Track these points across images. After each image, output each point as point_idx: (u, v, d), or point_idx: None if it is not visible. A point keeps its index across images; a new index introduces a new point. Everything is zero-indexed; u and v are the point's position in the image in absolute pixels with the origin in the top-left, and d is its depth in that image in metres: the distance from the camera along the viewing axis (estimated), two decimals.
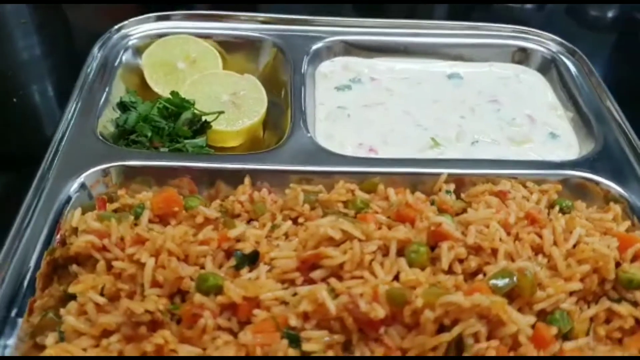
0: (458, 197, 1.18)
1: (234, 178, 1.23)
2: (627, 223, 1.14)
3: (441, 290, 0.89)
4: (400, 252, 0.99)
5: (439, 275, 0.97)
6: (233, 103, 1.43)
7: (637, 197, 1.21)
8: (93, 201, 1.13)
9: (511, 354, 0.87)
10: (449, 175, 1.22)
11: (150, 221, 1.05)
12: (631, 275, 0.98)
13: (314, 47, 1.56)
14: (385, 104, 1.51)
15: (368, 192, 1.18)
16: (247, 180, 1.20)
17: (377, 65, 1.61)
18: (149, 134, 1.31)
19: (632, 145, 1.31)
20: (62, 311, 0.92)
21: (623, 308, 0.96)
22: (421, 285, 0.92)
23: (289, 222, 1.08)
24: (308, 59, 1.52)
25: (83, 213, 1.09)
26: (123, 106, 1.38)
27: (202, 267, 0.97)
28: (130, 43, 1.55)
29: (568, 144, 1.42)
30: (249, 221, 1.12)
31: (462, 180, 1.24)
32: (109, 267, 0.97)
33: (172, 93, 1.35)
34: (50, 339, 0.88)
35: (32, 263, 1.01)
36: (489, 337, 0.88)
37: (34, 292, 0.98)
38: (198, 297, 0.89)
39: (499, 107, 1.50)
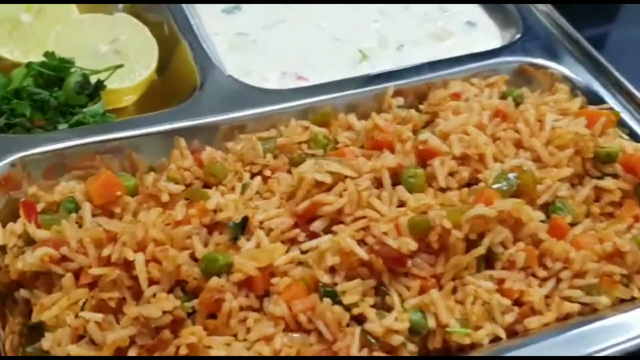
0: (415, 110, 1.35)
1: (159, 143, 1.27)
2: (579, 100, 1.39)
3: (460, 207, 1.06)
4: (393, 181, 1.14)
5: (440, 195, 1.13)
6: (117, 52, 1.43)
7: (576, 74, 1.47)
8: None
9: (536, 252, 1.08)
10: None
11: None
12: (608, 149, 1.22)
13: None
14: (288, 20, 1.61)
15: (323, 125, 1.30)
16: (181, 142, 1.25)
17: None
18: (28, 112, 1.29)
19: (556, 24, 1.56)
20: (45, 345, 0.95)
21: (609, 182, 1.21)
22: (432, 208, 1.08)
23: (259, 179, 1.17)
24: None
25: (3, 226, 1.09)
26: None
27: (188, 249, 1.04)
28: None
29: (489, 32, 1.64)
30: (207, 187, 1.19)
31: (406, 91, 1.41)
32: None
33: (47, 54, 1.32)
34: None
35: None
36: (513, 242, 1.07)
37: None
38: (215, 281, 0.97)
39: (405, 4, 1.66)
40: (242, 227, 1.06)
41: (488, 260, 1.06)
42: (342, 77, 1.42)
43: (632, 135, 1.31)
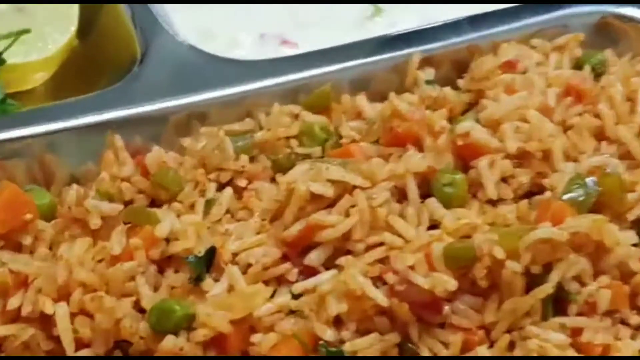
0: (452, 87, 1.40)
1: (84, 142, 1.32)
2: None
3: (518, 227, 1.11)
4: (423, 191, 1.19)
5: (488, 210, 1.19)
6: (19, 10, 1.48)
7: None
8: None
9: (626, 289, 1.13)
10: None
11: None
12: None
13: None
14: None
15: (320, 112, 1.35)
16: (116, 139, 1.30)
17: None
18: None
19: None
20: None
21: None
22: (478, 229, 1.13)
23: (230, 191, 1.22)
24: None
25: None
26: None
27: (131, 295, 1.09)
28: None
29: None
30: (156, 205, 1.24)
31: (438, 58, 1.46)
32: None
33: None
34: None
35: None
36: (593, 275, 1.12)
37: None
38: (170, 341, 1.02)
39: None
40: (208, 263, 1.11)
41: (558, 303, 1.11)
42: (346, 41, 1.47)
43: None
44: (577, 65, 1.43)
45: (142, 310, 1.06)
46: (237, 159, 1.26)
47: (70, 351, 1.01)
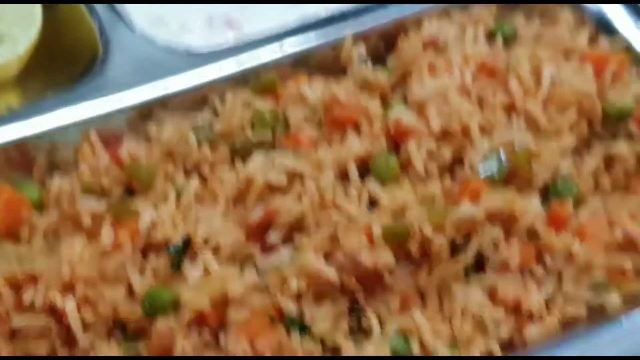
0: (382, 63, 1.63)
1: (61, 137, 1.54)
2: (585, 32, 1.70)
3: (443, 207, 1.38)
4: (362, 170, 1.43)
5: (419, 185, 1.44)
6: None
7: None
8: None
9: (533, 249, 1.41)
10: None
11: None
12: (620, 105, 1.53)
13: None
14: None
15: (268, 96, 1.57)
16: (91, 135, 1.52)
17: None
18: None
19: None
20: None
21: (621, 147, 1.52)
22: (410, 206, 1.37)
23: (196, 181, 1.45)
24: None
25: None
26: None
27: (123, 282, 1.34)
28: None
29: None
30: (132, 192, 1.48)
31: (371, 36, 1.69)
32: None
33: None
34: None
35: None
36: (505, 239, 1.39)
37: None
38: (163, 324, 1.27)
39: None
40: (185, 250, 1.34)
41: (479, 264, 1.37)
42: (284, 21, 1.68)
43: None
44: (491, 34, 1.66)
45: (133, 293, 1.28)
46: (199, 148, 1.47)
47: (79, 335, 1.24)
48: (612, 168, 1.53)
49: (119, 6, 1.64)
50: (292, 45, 1.64)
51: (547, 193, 1.47)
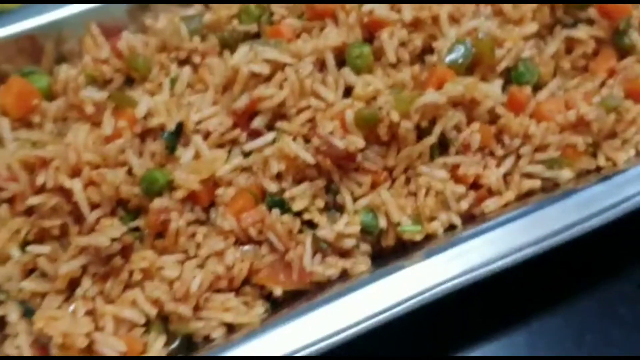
0: None
1: (67, 30, 1.68)
2: None
3: (408, 93, 1.54)
4: (338, 59, 1.58)
5: (391, 73, 1.61)
6: None
7: None
8: None
9: (493, 129, 1.58)
10: None
11: None
12: None
13: None
14: None
15: None
16: (93, 28, 1.67)
17: None
18: None
19: None
20: None
21: (581, 32, 1.66)
22: (381, 93, 1.55)
23: (188, 69, 1.60)
24: None
25: None
26: None
27: (123, 164, 1.52)
28: None
29: None
30: (130, 81, 1.64)
31: None
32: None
33: None
34: (12, 315, 1.43)
35: None
36: (467, 122, 1.56)
37: None
38: (158, 202, 1.46)
39: None
40: (178, 134, 1.50)
41: (443, 146, 1.52)
42: None
43: None
44: None
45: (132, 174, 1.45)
46: (190, 39, 1.61)
47: (86, 213, 1.41)
48: (573, 52, 1.66)
49: None
50: None
51: (510, 78, 1.60)
